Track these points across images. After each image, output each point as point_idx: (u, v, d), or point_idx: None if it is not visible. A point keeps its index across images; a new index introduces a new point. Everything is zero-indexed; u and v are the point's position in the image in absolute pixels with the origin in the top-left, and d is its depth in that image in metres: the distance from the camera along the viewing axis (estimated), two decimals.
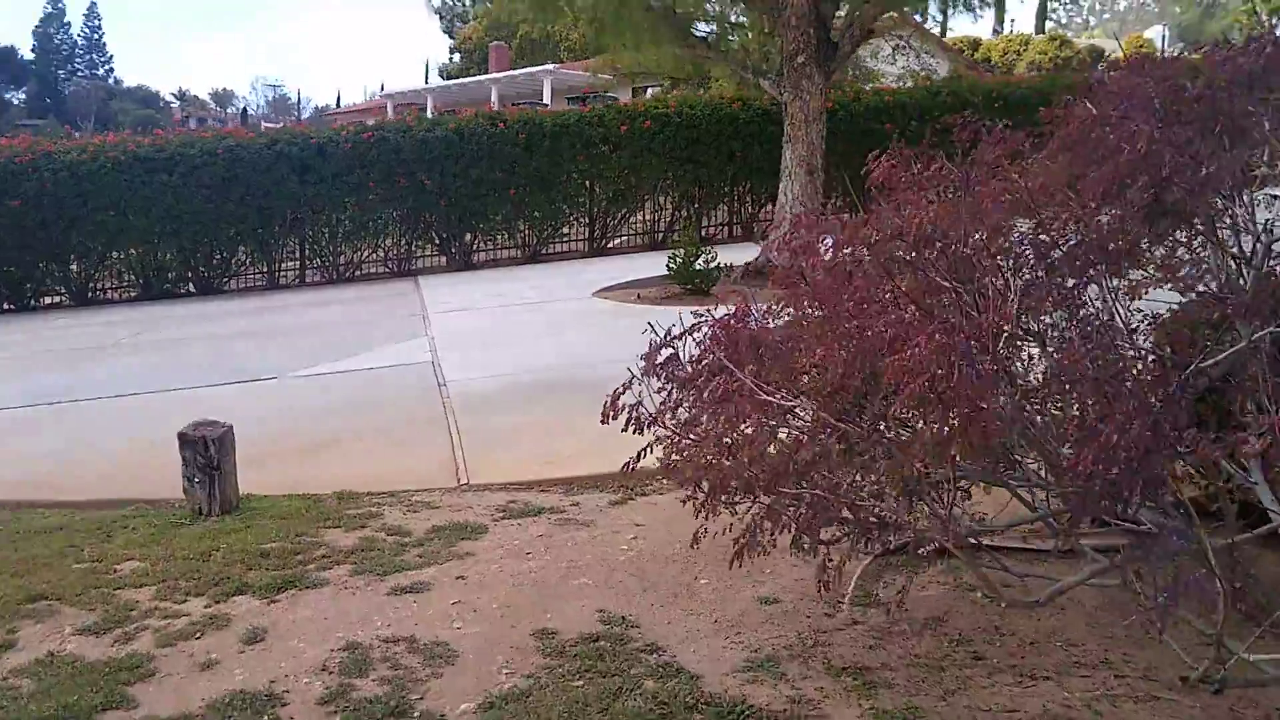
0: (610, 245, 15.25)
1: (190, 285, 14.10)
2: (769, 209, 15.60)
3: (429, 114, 27.74)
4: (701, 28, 11.66)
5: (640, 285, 11.10)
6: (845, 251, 3.06)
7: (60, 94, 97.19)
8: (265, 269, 14.34)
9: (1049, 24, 42.78)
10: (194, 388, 7.41)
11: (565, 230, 15.15)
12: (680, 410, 3.08)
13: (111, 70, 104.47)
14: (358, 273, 14.58)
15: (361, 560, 3.96)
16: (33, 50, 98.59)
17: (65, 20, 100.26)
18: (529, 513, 4.34)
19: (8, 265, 13.28)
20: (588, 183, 14.88)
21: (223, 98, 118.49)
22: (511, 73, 38.39)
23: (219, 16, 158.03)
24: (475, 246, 14.88)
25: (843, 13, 10.20)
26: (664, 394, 3.13)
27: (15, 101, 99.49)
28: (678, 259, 9.60)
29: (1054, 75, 17.79)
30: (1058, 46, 37.59)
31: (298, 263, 14.53)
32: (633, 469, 3.19)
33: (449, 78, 57.82)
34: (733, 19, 11.85)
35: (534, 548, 4.03)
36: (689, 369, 3.11)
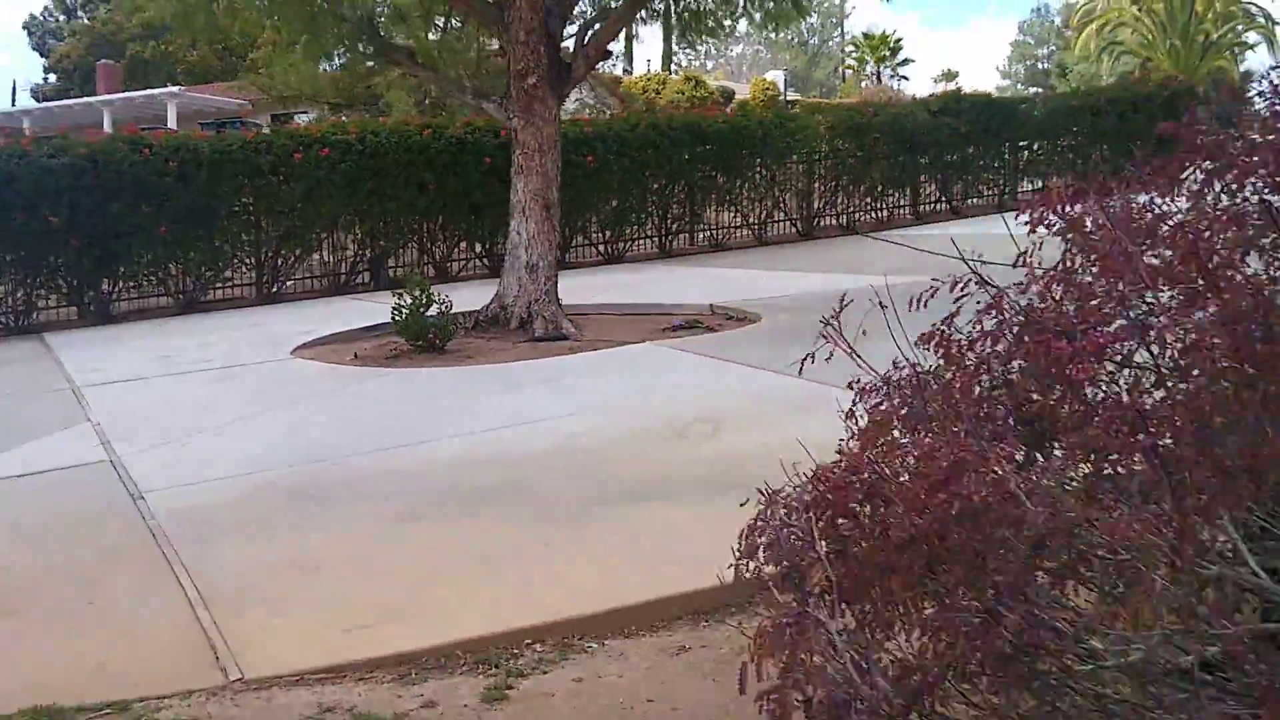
0: (284, 291, 13.25)
1: None
2: (462, 247, 14.31)
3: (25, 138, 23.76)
4: (400, 40, 10.15)
5: (348, 340, 9.42)
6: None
7: None
8: None
9: (673, 65, 44.46)
10: None
11: (229, 274, 12.99)
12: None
13: None
14: None
15: None
16: None
17: None
18: None
19: None
20: (255, 219, 12.85)
21: None
22: (129, 95, 34.17)
23: None
24: (116, 295, 12.37)
25: (573, 29, 9.13)
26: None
27: None
28: (404, 308, 8.07)
29: (744, 113, 17.82)
30: (693, 86, 39.04)
31: None
32: None
33: (44, 99, 51.14)
34: (446, 29, 10.42)
35: None
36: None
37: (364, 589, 3.70)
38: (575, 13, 9.36)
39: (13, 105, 54.33)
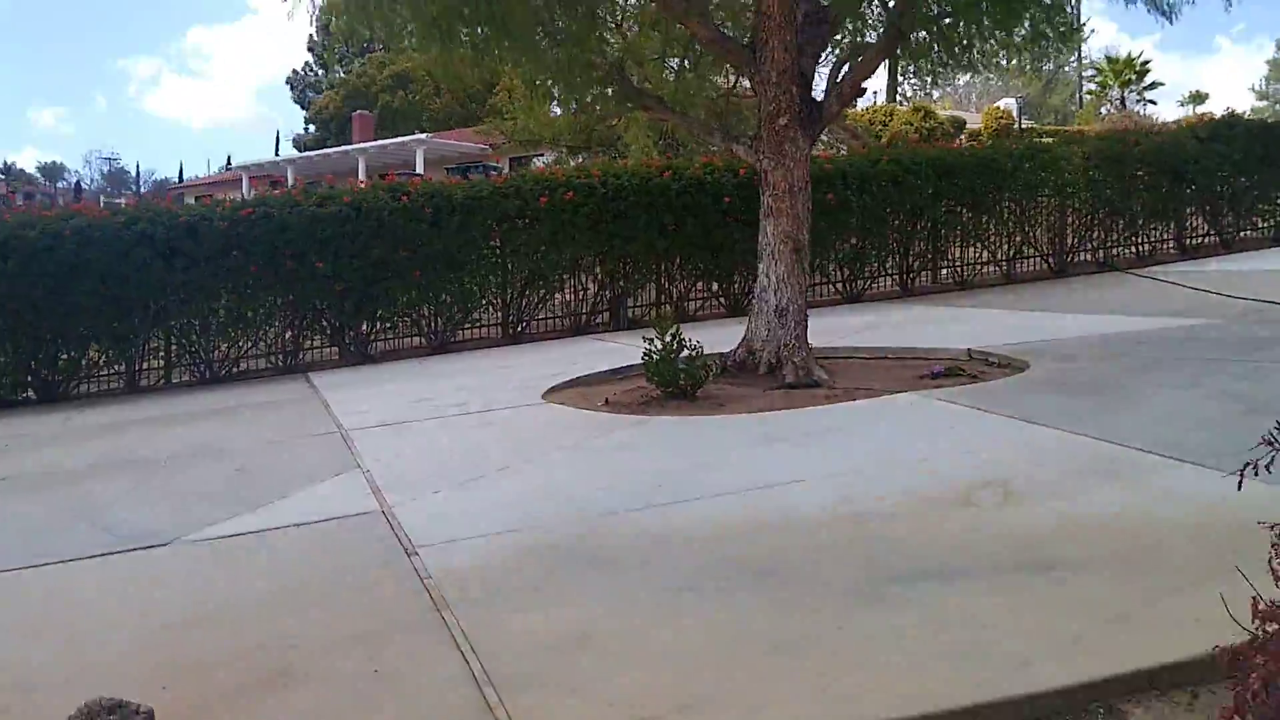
0: (527, 331, 13.54)
1: (30, 391, 11.73)
2: (699, 287, 14.24)
3: (290, 186, 25.45)
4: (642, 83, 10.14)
5: (595, 383, 9.43)
6: None
7: None
8: (123, 369, 12.08)
9: (898, 96, 43.35)
10: (35, 565, 5.34)
11: (476, 315, 13.39)
12: None
13: None
14: (235, 370, 12.46)
15: None
16: None
17: None
18: None
19: None
20: (503, 261, 13.20)
21: (52, 171, 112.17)
22: (381, 142, 36.55)
23: (48, 90, 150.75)
24: (374, 336, 12.96)
25: (826, 68, 8.88)
26: None
27: None
28: (654, 352, 7.95)
29: (992, 145, 17.10)
30: (921, 117, 38.10)
31: (163, 361, 12.32)
32: None
33: (304, 149, 55.29)
34: (683, 70, 10.36)
35: None
36: None
37: (646, 672, 3.49)
38: (827, 51, 9.06)
39: (277, 155, 59.18)
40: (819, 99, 8.77)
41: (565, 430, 7.46)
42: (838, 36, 9.31)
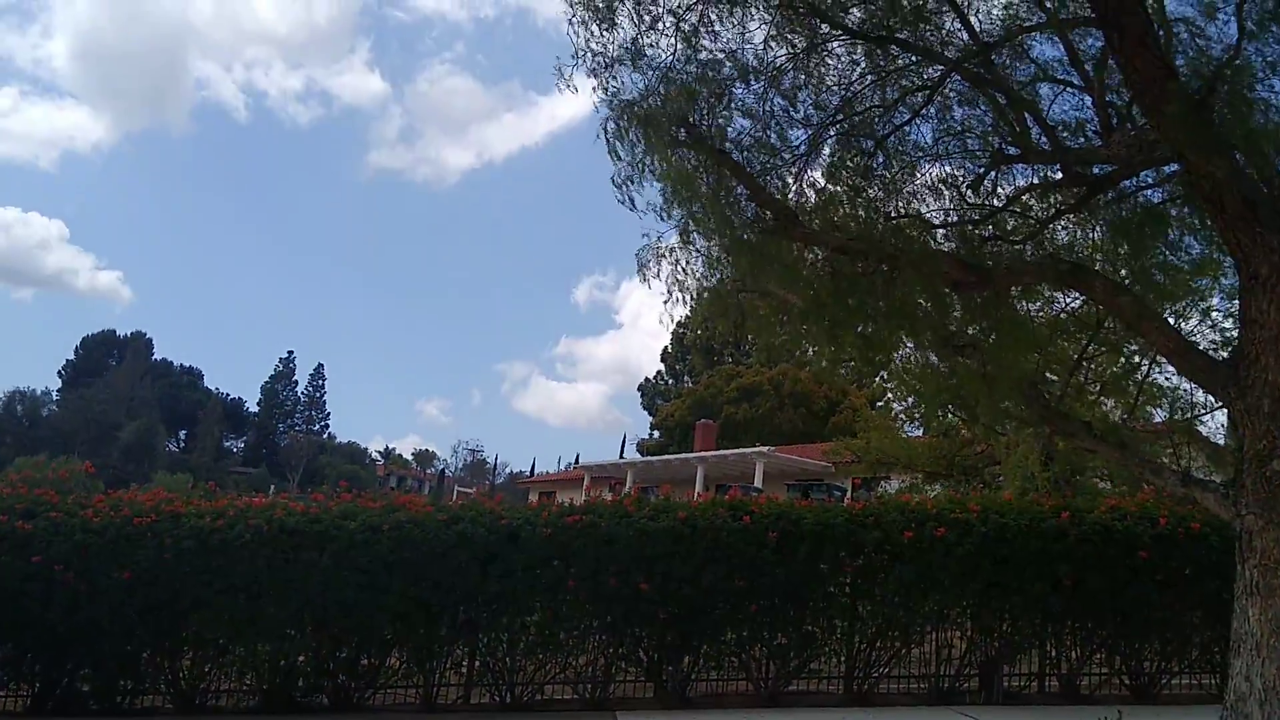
0: (874, 691, 11.15)
1: (324, 696, 10.73)
2: (1097, 659, 11.36)
3: (625, 494, 24.72)
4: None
5: None
6: None
7: (276, 445, 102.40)
8: (420, 682, 10.88)
9: None
10: None
11: (815, 664, 11.22)
12: None
13: (327, 427, 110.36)
14: (538, 696, 10.93)
15: None
16: (258, 404, 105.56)
17: (293, 379, 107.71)
18: None
19: (105, 655, 10.30)
20: (852, 603, 11.12)
21: (424, 458, 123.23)
22: (721, 452, 36.05)
23: (434, 383, 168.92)
24: (694, 675, 11.08)
25: None
26: None
27: (235, 450, 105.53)
28: None
29: None
30: None
31: (463, 678, 11.03)
32: None
33: (647, 453, 56.50)
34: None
35: None
36: None
37: None
38: None
39: (620, 457, 60.91)
40: None
41: None
42: None
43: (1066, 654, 11.32)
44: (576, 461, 68.05)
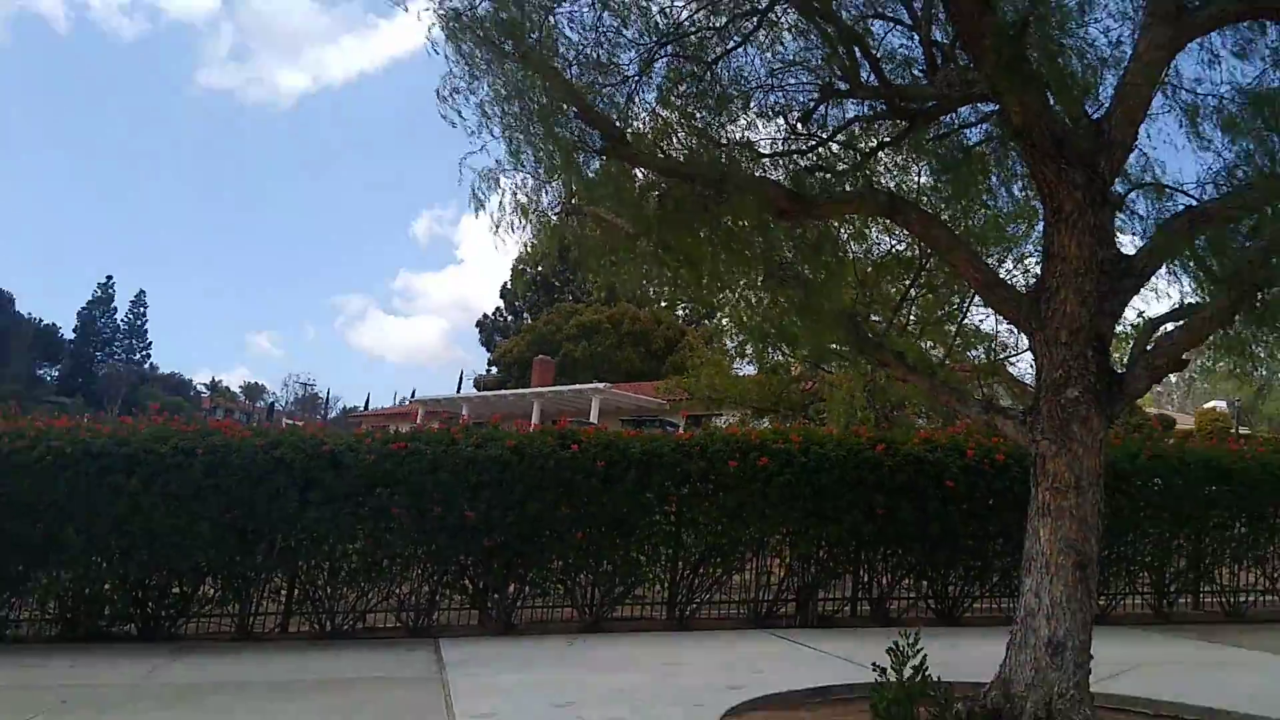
0: (696, 616, 11.40)
1: (132, 626, 10.28)
2: (906, 584, 11.92)
3: (455, 424, 24.55)
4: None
5: (793, 705, 7.22)
6: None
7: (93, 375, 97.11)
8: (237, 611, 10.54)
9: None
10: None
11: (639, 591, 11.40)
12: None
13: (149, 357, 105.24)
14: (360, 624, 10.75)
15: None
16: (74, 330, 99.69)
17: (112, 305, 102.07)
18: None
19: None
20: (676, 531, 11.30)
21: (254, 391, 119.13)
22: (558, 388, 36.13)
23: (265, 315, 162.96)
24: (519, 603, 11.09)
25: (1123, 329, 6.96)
26: None
27: (49, 378, 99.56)
28: (888, 696, 5.75)
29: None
30: (1129, 412, 35.71)
31: (281, 607, 10.74)
32: None
33: (484, 389, 56.06)
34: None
35: None
36: None
37: None
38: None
39: (457, 392, 60.26)
40: (1119, 372, 6.78)
41: None
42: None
43: (878, 579, 11.83)
44: (413, 396, 67.07)
